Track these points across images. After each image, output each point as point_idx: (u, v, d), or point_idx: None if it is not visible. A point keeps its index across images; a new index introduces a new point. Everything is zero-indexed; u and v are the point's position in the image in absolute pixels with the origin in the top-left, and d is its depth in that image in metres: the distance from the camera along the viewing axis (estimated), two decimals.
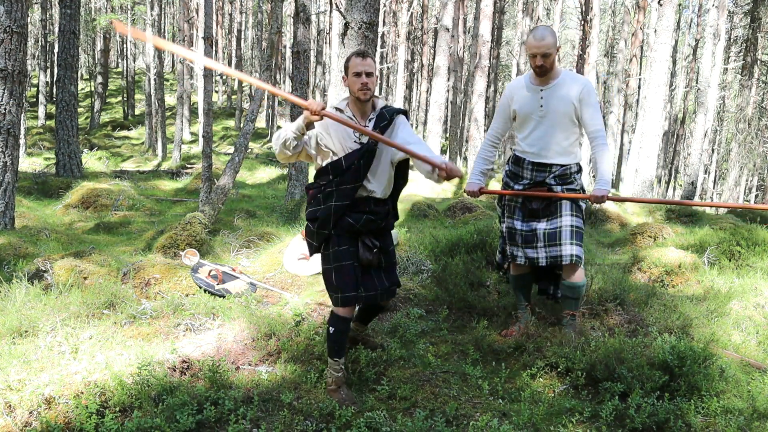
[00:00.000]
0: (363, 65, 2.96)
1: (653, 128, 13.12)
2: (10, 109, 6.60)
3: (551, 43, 3.39)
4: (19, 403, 2.71)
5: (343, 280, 2.99)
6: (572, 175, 3.63)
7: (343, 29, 4.93)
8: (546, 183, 3.61)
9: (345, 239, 3.03)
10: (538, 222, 3.63)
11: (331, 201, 2.99)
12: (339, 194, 2.99)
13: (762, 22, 19.71)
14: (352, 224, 3.01)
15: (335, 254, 3.02)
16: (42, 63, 25.07)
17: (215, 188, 8.00)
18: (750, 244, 5.95)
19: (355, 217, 3.02)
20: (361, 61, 2.97)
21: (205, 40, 9.39)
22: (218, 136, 26.56)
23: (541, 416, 2.96)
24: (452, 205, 9.74)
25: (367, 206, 3.04)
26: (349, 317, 3.06)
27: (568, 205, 3.58)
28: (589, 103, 3.48)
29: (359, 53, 3.03)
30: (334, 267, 3.01)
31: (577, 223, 3.57)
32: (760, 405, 3.06)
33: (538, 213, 3.61)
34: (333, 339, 3.05)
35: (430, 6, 30.06)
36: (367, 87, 2.98)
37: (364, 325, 3.55)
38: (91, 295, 3.99)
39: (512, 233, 3.72)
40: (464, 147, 25.20)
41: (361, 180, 2.99)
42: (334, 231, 3.02)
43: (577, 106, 3.48)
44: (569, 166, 3.61)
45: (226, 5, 38.00)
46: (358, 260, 3.05)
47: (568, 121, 3.52)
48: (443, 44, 16.51)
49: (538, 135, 3.56)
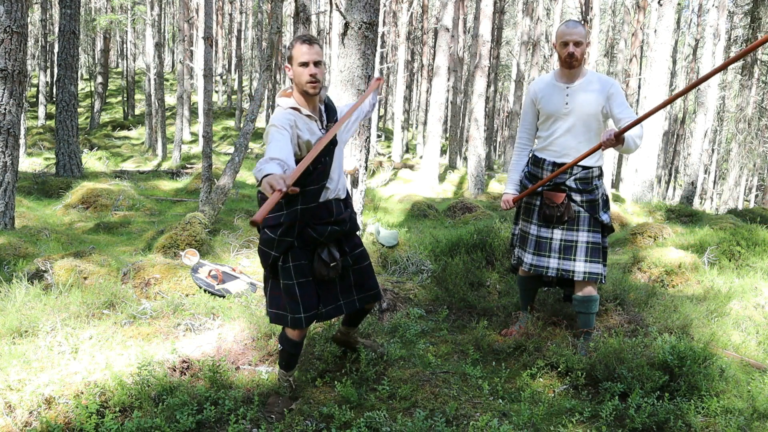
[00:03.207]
0: (310, 53, 2.52)
1: (653, 128, 13.12)
2: (10, 109, 6.60)
3: (583, 33, 3.35)
4: (19, 403, 2.71)
5: (301, 300, 2.72)
6: (593, 180, 3.49)
7: (343, 29, 4.92)
8: (566, 185, 3.49)
9: (304, 252, 2.76)
10: (554, 230, 3.53)
11: (297, 205, 2.69)
12: (304, 197, 2.70)
13: (762, 22, 19.70)
14: (315, 237, 2.74)
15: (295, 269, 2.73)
16: (42, 63, 25.07)
17: (215, 188, 8.00)
18: (750, 244, 5.95)
19: (320, 230, 2.74)
20: (308, 49, 2.52)
21: (205, 40, 9.39)
22: (218, 136, 26.57)
23: (541, 416, 2.96)
24: (452, 205, 9.74)
25: (330, 215, 2.77)
26: (300, 341, 2.82)
27: (587, 219, 3.48)
28: (619, 97, 3.39)
29: (304, 39, 2.55)
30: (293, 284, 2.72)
31: (594, 239, 3.48)
32: (760, 405, 3.05)
33: (553, 219, 3.50)
34: (283, 356, 2.90)
35: (430, 6, 30.07)
36: (316, 78, 2.56)
37: (354, 327, 3.28)
38: (91, 295, 3.99)
39: (525, 237, 3.65)
40: (464, 147, 25.19)
41: (326, 179, 2.73)
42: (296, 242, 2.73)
43: (604, 103, 3.39)
44: (591, 168, 3.48)
45: (226, 5, 38.01)
46: (313, 275, 2.78)
47: (594, 120, 3.43)
48: (443, 44, 16.51)
49: (562, 134, 3.47)
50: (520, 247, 3.72)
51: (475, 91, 15.35)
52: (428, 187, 16.10)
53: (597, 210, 3.50)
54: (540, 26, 23.08)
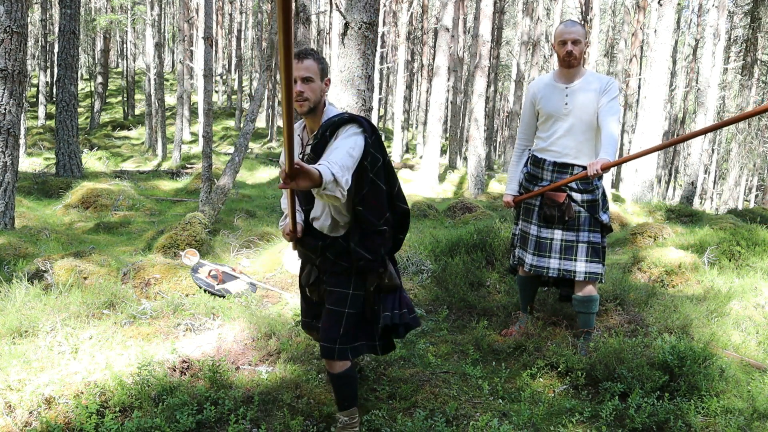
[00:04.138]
0: (297, 69, 2.33)
1: (653, 128, 13.11)
2: (10, 109, 6.60)
3: (581, 32, 3.37)
4: (19, 403, 2.71)
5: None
6: (593, 180, 3.50)
7: (343, 29, 4.92)
8: (566, 185, 3.49)
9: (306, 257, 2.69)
10: (554, 231, 3.54)
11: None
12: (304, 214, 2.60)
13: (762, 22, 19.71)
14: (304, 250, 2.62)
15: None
16: (42, 63, 25.08)
17: (215, 188, 8.00)
18: (750, 244, 5.95)
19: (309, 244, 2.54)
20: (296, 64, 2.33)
21: (205, 40, 9.39)
22: (218, 136, 26.58)
23: (541, 416, 2.96)
24: (452, 205, 9.74)
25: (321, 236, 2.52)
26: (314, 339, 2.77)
27: (587, 220, 3.49)
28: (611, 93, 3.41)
29: (296, 54, 2.36)
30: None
31: (595, 239, 3.49)
32: (760, 405, 3.05)
33: (553, 219, 3.50)
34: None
35: (430, 6, 30.08)
36: (302, 97, 2.35)
37: None
38: (91, 295, 3.99)
39: (525, 237, 3.66)
40: (464, 147, 25.19)
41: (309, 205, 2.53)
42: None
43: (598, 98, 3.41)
44: None
45: (226, 5, 38.02)
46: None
47: (594, 120, 3.44)
48: (443, 44, 16.51)
49: (562, 134, 3.48)
50: (520, 248, 3.72)
51: (475, 91, 15.35)
52: (428, 187, 16.12)
53: (597, 210, 3.50)
54: (540, 26, 23.09)
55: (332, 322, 2.48)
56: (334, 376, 2.55)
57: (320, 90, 2.40)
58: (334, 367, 2.52)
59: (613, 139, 3.27)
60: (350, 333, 2.51)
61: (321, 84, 2.40)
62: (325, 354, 2.48)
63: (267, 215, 9.38)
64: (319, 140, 2.37)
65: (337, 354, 2.47)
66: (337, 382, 2.57)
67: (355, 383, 2.63)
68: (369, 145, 2.33)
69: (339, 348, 2.47)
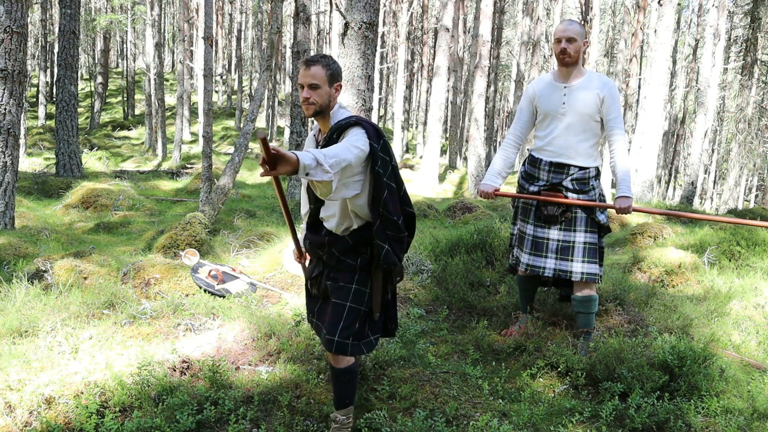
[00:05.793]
0: (304, 76, 2.44)
1: (653, 128, 13.11)
2: (10, 109, 6.60)
3: (578, 31, 3.38)
4: (19, 403, 2.71)
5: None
6: (590, 181, 3.50)
7: (343, 29, 4.93)
8: (562, 185, 3.50)
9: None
10: (550, 230, 3.53)
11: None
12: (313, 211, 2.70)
13: (762, 22, 19.70)
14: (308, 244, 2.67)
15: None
16: (42, 63, 25.08)
17: (215, 188, 8.00)
18: (750, 244, 5.95)
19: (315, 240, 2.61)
20: (303, 71, 2.45)
21: (205, 40, 9.39)
22: (218, 136, 26.57)
23: (541, 416, 2.96)
24: (452, 205, 9.73)
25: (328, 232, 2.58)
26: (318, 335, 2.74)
27: (584, 220, 3.48)
28: (614, 104, 3.44)
29: (305, 60, 2.49)
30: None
31: (591, 239, 3.49)
32: (760, 405, 3.06)
33: (551, 219, 3.51)
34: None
35: (430, 6, 30.07)
36: (309, 102, 2.45)
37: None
38: (91, 295, 3.99)
39: (522, 237, 3.66)
40: (464, 147, 25.20)
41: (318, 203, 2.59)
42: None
43: (598, 103, 3.42)
44: (588, 169, 3.49)
45: (226, 5, 38.01)
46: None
47: (590, 121, 3.45)
48: (443, 44, 16.51)
49: (559, 133, 3.48)
50: (518, 247, 3.72)
51: (475, 91, 15.36)
52: (428, 187, 16.13)
53: (594, 210, 3.50)
54: (540, 26, 23.09)
55: (335, 315, 2.52)
56: (337, 371, 2.58)
57: (327, 95, 2.47)
58: (340, 361, 2.56)
59: (628, 174, 3.47)
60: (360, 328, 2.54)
61: (329, 89, 2.47)
62: (326, 346, 2.52)
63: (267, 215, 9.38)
64: (328, 142, 2.46)
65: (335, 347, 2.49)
66: (341, 378, 2.60)
67: (356, 381, 2.67)
68: (377, 150, 2.40)
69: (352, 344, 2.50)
